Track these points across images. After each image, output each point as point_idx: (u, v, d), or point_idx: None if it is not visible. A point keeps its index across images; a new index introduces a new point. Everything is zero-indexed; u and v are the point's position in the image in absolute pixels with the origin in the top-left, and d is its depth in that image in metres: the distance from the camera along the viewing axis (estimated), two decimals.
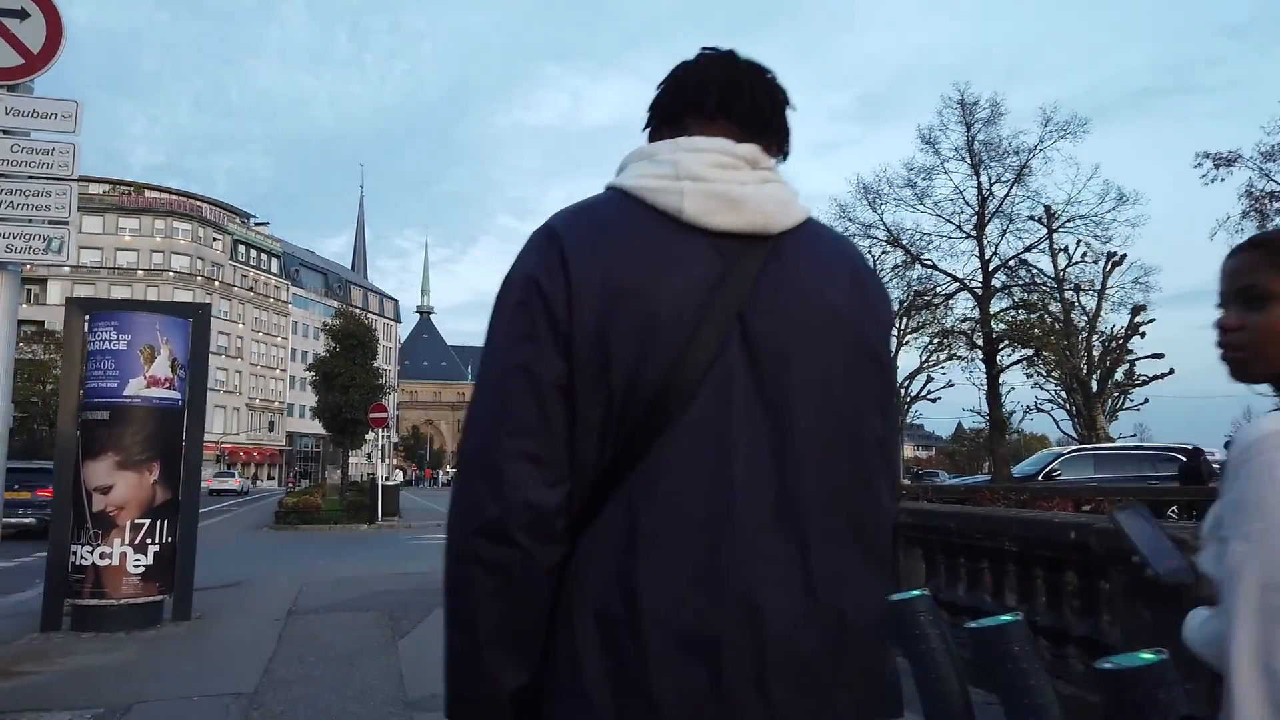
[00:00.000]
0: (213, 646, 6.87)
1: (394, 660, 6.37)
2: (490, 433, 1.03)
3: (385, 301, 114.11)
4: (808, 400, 1.07)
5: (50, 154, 5.02)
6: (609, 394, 1.03)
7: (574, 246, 1.06)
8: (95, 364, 7.77)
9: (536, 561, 1.01)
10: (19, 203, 4.94)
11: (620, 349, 1.02)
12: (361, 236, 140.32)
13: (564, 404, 1.03)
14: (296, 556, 15.13)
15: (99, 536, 7.46)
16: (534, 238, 1.11)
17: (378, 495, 22.97)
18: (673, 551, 1.00)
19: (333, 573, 11.98)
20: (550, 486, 1.02)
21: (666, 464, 1.02)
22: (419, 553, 15.33)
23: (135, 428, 7.68)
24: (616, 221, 1.09)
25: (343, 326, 27.63)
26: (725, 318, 1.05)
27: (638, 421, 1.02)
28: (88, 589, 7.43)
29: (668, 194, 1.09)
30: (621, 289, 1.03)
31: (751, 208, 1.10)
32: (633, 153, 1.19)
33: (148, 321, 7.93)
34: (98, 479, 7.56)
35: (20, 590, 9.81)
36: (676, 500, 1.01)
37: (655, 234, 1.07)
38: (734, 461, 1.03)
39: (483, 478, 1.02)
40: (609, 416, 1.03)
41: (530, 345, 1.04)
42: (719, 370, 1.04)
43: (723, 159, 1.12)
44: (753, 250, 1.09)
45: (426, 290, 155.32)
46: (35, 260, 4.98)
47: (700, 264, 1.07)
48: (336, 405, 26.28)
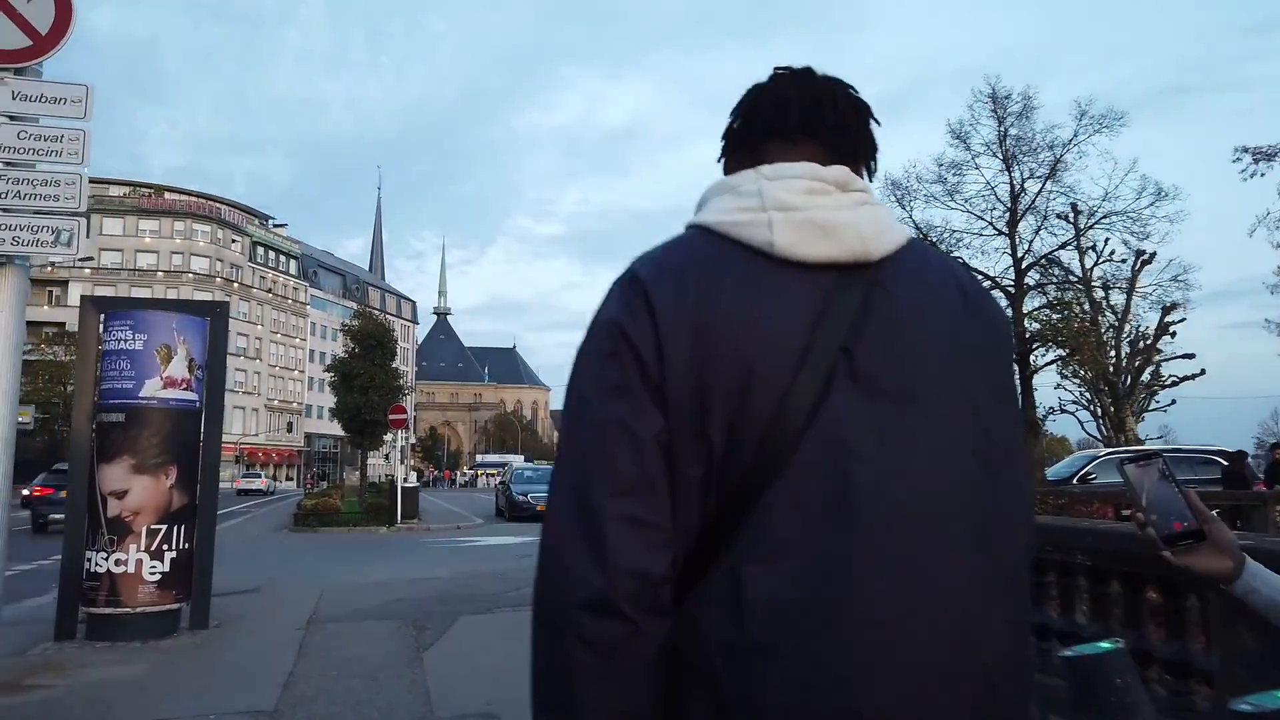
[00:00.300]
0: (231, 659, 6.60)
1: (420, 674, 6.08)
2: (590, 494, 0.94)
3: (403, 303, 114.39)
4: (931, 439, 0.97)
5: (59, 141, 4.74)
6: (709, 448, 0.95)
7: (659, 292, 0.98)
8: (110, 364, 7.52)
9: (645, 637, 0.92)
10: (26, 193, 4.66)
11: (718, 399, 0.95)
12: (379, 238, 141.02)
13: (665, 461, 0.95)
14: (316, 560, 14.90)
15: (114, 543, 7.21)
16: (616, 285, 1.04)
17: (397, 497, 22.77)
18: (785, 621, 0.90)
19: (353, 578, 11.74)
20: (656, 552, 0.93)
21: (774, 520, 0.93)
22: (440, 557, 15.09)
23: (151, 430, 7.43)
24: (702, 262, 1.01)
25: (361, 327, 27.43)
26: (828, 356, 0.97)
27: (741, 475, 0.94)
28: (103, 597, 7.18)
29: (755, 227, 1.02)
30: (713, 334, 0.96)
31: (847, 234, 1.02)
32: (712, 186, 1.11)
33: (164, 320, 7.68)
34: (113, 483, 7.31)
35: (39, 595, 9.59)
36: (788, 561, 0.92)
37: (745, 272, 1.00)
38: (851, 513, 0.93)
39: (581, 545, 0.92)
40: (709, 472, 0.95)
41: (626, 399, 0.96)
42: (827, 414, 0.95)
43: (811, 184, 1.05)
44: (852, 280, 1.02)
45: (444, 291, 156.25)
46: (44, 254, 4.70)
47: (796, 300, 0.99)
48: (355, 406, 26.06)
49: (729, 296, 0.98)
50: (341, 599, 9.51)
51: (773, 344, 0.96)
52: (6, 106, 4.69)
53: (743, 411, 0.94)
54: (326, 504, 24.41)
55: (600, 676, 0.90)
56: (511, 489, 26.83)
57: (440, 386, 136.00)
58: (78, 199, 4.67)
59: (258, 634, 7.57)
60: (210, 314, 8.13)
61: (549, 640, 0.94)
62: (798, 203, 1.03)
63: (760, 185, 1.05)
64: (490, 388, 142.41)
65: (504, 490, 28.40)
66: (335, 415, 28.21)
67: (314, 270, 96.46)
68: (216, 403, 8.07)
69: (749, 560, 0.92)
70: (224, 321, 8.18)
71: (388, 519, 22.56)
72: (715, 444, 0.94)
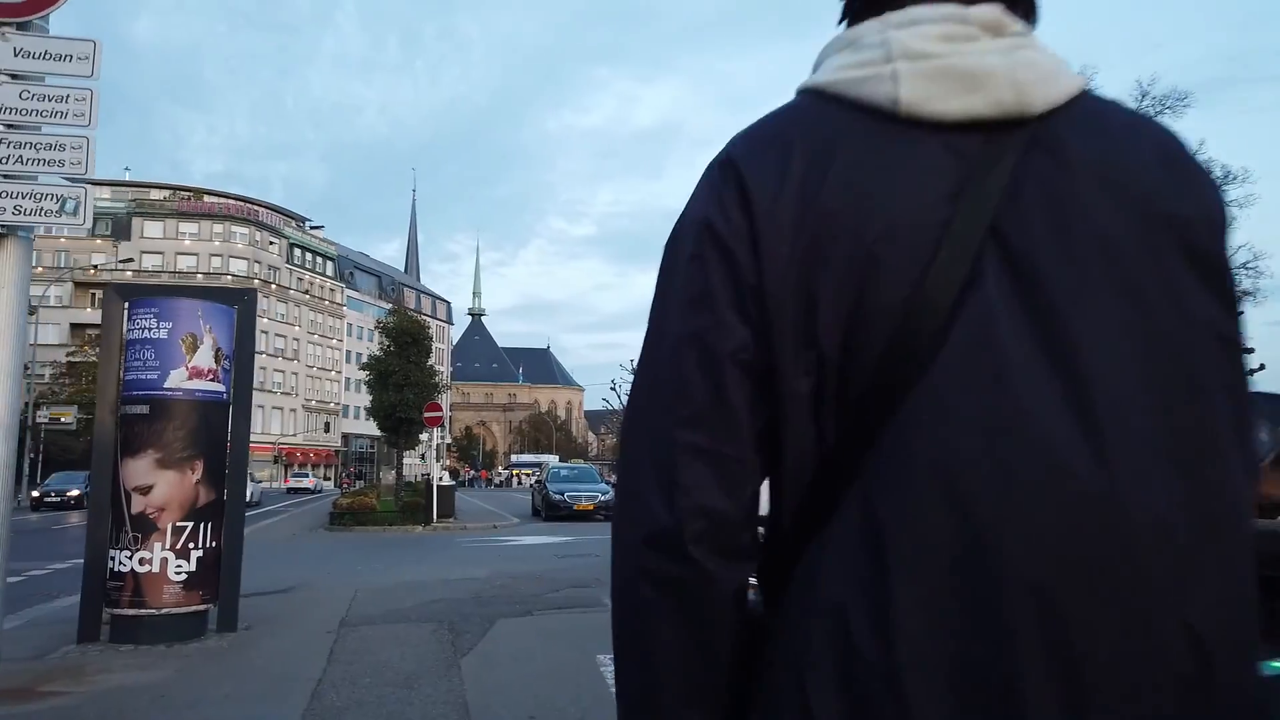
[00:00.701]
0: (258, 664, 6.22)
1: (457, 682, 5.66)
2: (656, 422, 0.83)
3: (438, 303, 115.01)
4: (1113, 343, 0.76)
5: (65, 101, 4.35)
6: (818, 358, 0.79)
7: (757, 174, 0.83)
8: (134, 354, 7.20)
9: (717, 583, 0.80)
10: (29, 157, 4.28)
11: (831, 298, 0.78)
12: (414, 240, 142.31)
13: (750, 383, 0.80)
14: (350, 559, 14.60)
15: (138, 540, 6.89)
16: (707, 172, 0.88)
17: (433, 496, 22.51)
18: (938, 563, 0.72)
19: (387, 577, 11.40)
20: (732, 489, 0.80)
21: (911, 445, 0.75)
22: (475, 556, 14.74)
23: (177, 423, 7.10)
24: (809, 131, 0.84)
25: (397, 324, 27.26)
26: (972, 237, 0.78)
27: (866, 390, 0.78)
28: (126, 597, 6.86)
29: (876, 83, 0.83)
30: (825, 220, 0.79)
31: (997, 83, 0.81)
32: (830, 43, 0.93)
33: (190, 308, 7.34)
34: (137, 478, 6.99)
35: (69, 594, 9.33)
36: (935, 491, 0.73)
37: (864, 139, 0.82)
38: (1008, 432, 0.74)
39: (649, 477, 0.82)
40: (823, 388, 0.79)
41: (704, 310, 0.82)
42: (972, 310, 0.76)
43: (951, 28, 0.84)
44: (1004, 142, 0.81)
45: (478, 292, 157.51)
46: (48, 224, 4.33)
47: (930, 169, 0.80)
48: (391, 404, 25.88)
49: (843, 169, 0.81)
50: (375, 600, 9.15)
51: (901, 225, 0.79)
52: (8, 64, 4.30)
53: (863, 309, 0.79)
54: (362, 503, 24.20)
55: (670, 616, 0.81)
56: (548, 488, 26.50)
57: (475, 387, 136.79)
58: (84, 164, 4.28)
59: (287, 637, 7.20)
60: (237, 303, 7.77)
61: (620, 578, 0.85)
62: (932, 50, 0.83)
63: (886, 35, 0.86)
64: (524, 388, 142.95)
65: (540, 490, 28.08)
66: (371, 414, 28.10)
67: (350, 271, 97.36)
68: (244, 395, 7.72)
69: (884, 495, 0.76)
70: (251, 310, 7.82)
71: (423, 518, 22.31)
72: (828, 352, 0.79)
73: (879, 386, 0.78)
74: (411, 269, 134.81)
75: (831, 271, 0.80)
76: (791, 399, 0.81)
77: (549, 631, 7.40)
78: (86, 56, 4.34)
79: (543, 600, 9.08)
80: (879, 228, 0.79)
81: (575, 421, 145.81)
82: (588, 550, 15.38)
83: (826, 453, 0.80)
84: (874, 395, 0.78)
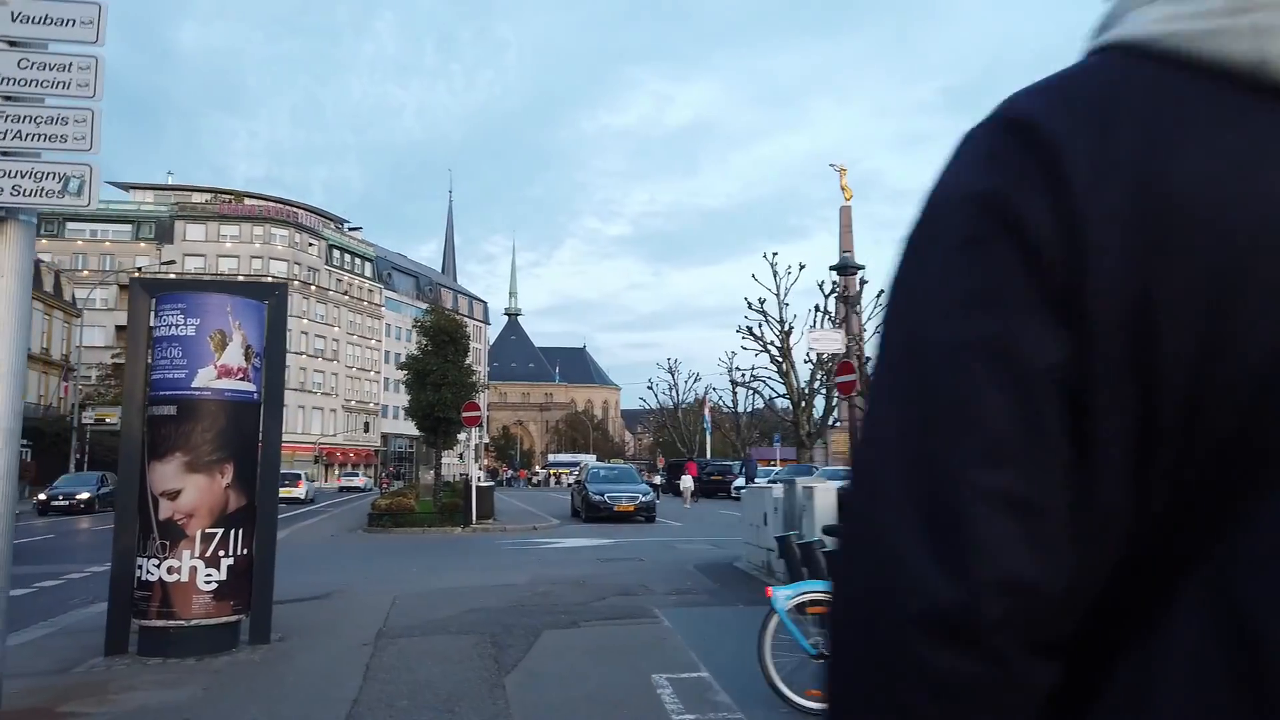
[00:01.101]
0: (290, 682, 5.84)
1: (502, 705, 5.22)
2: (931, 457, 0.60)
3: (474, 303, 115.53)
4: None
5: (68, 70, 3.97)
6: (1154, 392, 0.59)
7: (1071, 141, 0.62)
8: (161, 352, 6.87)
9: (1019, 688, 0.58)
10: (29, 132, 3.91)
11: (1177, 312, 0.60)
12: (450, 241, 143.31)
13: (1067, 410, 0.60)
14: (389, 563, 14.30)
15: (166, 548, 6.54)
16: (980, 135, 0.66)
17: (472, 497, 22.22)
18: None
19: (426, 583, 11.04)
20: (1047, 551, 0.59)
21: None
22: (515, 560, 14.37)
23: (205, 424, 6.75)
24: (1138, 99, 0.63)
25: (434, 323, 27.07)
26: None
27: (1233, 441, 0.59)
28: (154, 608, 6.52)
29: (1230, 37, 0.62)
30: (1173, 213, 0.60)
31: None
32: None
33: (218, 303, 6.99)
34: (165, 482, 6.65)
35: (102, 600, 9.08)
36: None
37: (1217, 112, 0.62)
38: None
39: (918, 531, 0.58)
40: (1151, 433, 0.59)
41: (993, 311, 0.61)
42: None
43: None
44: None
45: (514, 292, 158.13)
46: (50, 206, 3.94)
47: None
48: (429, 404, 25.67)
49: (1195, 146, 0.61)
50: (414, 608, 8.76)
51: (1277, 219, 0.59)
52: (5, 29, 3.93)
53: (1223, 331, 0.59)
54: (401, 504, 23.99)
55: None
56: (588, 489, 26.09)
57: (512, 386, 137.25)
58: (89, 139, 3.89)
59: (322, 650, 6.82)
60: (268, 297, 7.41)
61: (867, 677, 0.60)
62: None
63: None
64: (561, 387, 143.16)
65: (580, 490, 27.70)
66: (409, 414, 27.93)
67: (388, 272, 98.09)
68: (276, 395, 7.36)
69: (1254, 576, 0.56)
70: (283, 305, 7.46)
71: (462, 519, 22.03)
72: (1167, 385, 0.59)
73: (1237, 451, 0.61)
74: (448, 270, 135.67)
75: (1183, 277, 0.62)
76: (1105, 444, 0.62)
77: (598, 647, 6.94)
78: (91, 21, 3.94)
79: (589, 610, 8.63)
80: (1253, 222, 0.62)
81: (612, 421, 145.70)
82: (630, 554, 14.96)
83: (1150, 523, 0.62)
84: (1245, 449, 0.61)
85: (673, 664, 6.17)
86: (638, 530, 21.07)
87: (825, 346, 17.31)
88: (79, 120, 3.91)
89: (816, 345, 20.53)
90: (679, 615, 8.24)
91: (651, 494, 26.16)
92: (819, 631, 4.88)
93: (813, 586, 4.99)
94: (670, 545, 16.79)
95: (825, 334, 17.53)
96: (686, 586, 10.41)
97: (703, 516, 26.90)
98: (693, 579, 11.16)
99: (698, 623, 7.96)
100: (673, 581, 10.79)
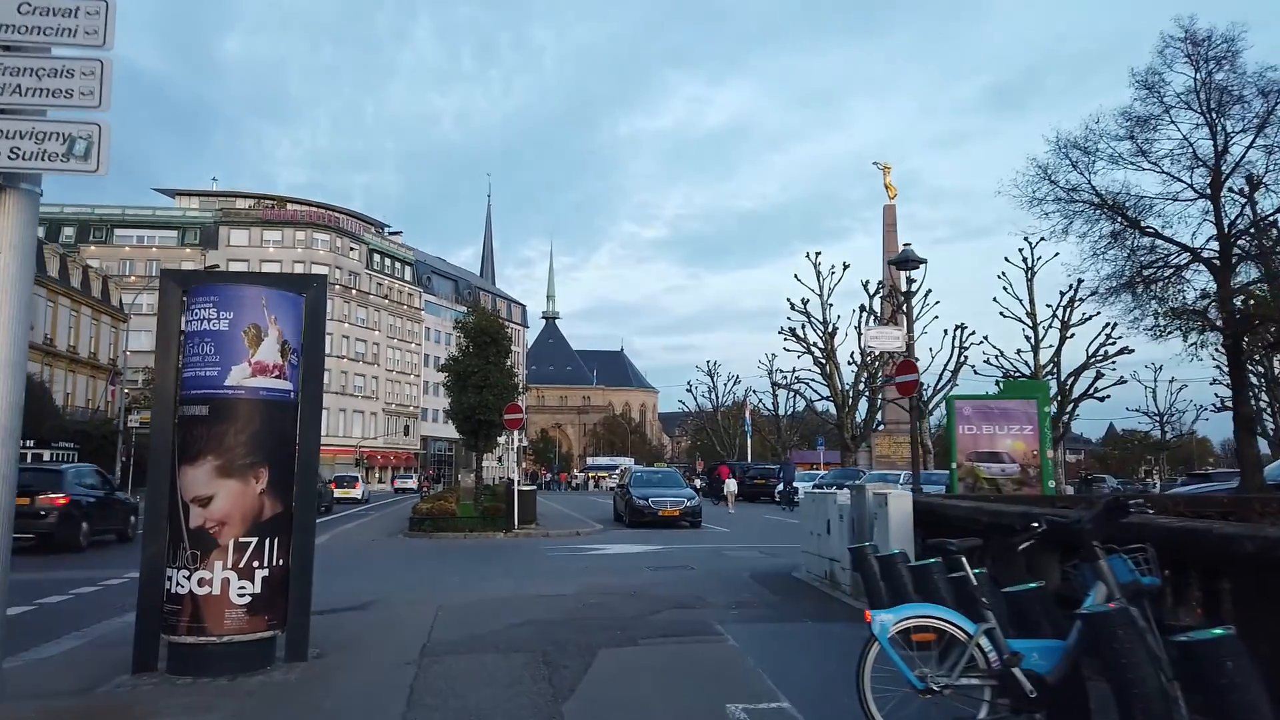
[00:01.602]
0: (326, 708, 5.32)
1: None
2: None
3: (513, 306, 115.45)
4: None
5: (74, 16, 3.48)
6: None
7: None
8: (193, 348, 6.40)
9: None
10: (30, 86, 3.42)
11: None
12: (489, 245, 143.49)
13: None
14: (431, 569, 13.82)
15: (197, 558, 6.07)
16: None
17: (514, 501, 21.70)
18: None
19: (471, 592, 10.51)
20: None
21: None
22: (561, 567, 13.80)
23: (239, 425, 6.26)
24: None
25: (475, 323, 26.56)
26: None
27: None
28: (184, 623, 6.04)
29: None
30: None
31: None
32: None
33: (253, 296, 6.51)
34: (196, 488, 6.17)
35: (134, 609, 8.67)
36: None
37: None
38: None
39: None
40: None
41: None
42: None
43: None
44: None
45: (551, 296, 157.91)
46: (53, 170, 3.45)
47: None
48: (470, 406, 25.16)
49: None
50: (459, 621, 8.23)
51: None
52: None
53: None
54: (442, 508, 23.56)
55: None
56: (631, 493, 25.41)
57: (550, 389, 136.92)
58: (97, 94, 3.40)
59: (362, 670, 6.30)
60: (306, 289, 6.92)
61: None
62: None
63: None
64: (598, 390, 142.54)
65: (623, 494, 27.02)
66: (450, 416, 27.47)
67: (428, 276, 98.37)
68: (314, 394, 6.86)
69: None
70: (321, 299, 6.96)
71: (504, 524, 21.53)
72: None
73: None
74: (487, 273, 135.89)
75: None
76: None
77: (661, 668, 6.33)
78: None
79: (645, 624, 8.03)
80: None
81: (650, 424, 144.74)
82: (680, 561, 14.31)
83: None
84: None
85: (747, 692, 5.55)
86: (684, 536, 20.41)
87: (884, 344, 16.53)
88: (86, 73, 3.42)
89: (875, 343, 19.69)
90: (744, 632, 7.61)
91: (696, 498, 25.46)
92: (925, 664, 4.24)
93: (919, 611, 4.34)
94: (720, 552, 16.12)
95: (884, 331, 16.74)
96: (746, 599, 9.76)
97: (750, 522, 26.14)
98: (751, 590, 10.50)
99: (767, 641, 7.32)
100: (730, 593, 10.14)
